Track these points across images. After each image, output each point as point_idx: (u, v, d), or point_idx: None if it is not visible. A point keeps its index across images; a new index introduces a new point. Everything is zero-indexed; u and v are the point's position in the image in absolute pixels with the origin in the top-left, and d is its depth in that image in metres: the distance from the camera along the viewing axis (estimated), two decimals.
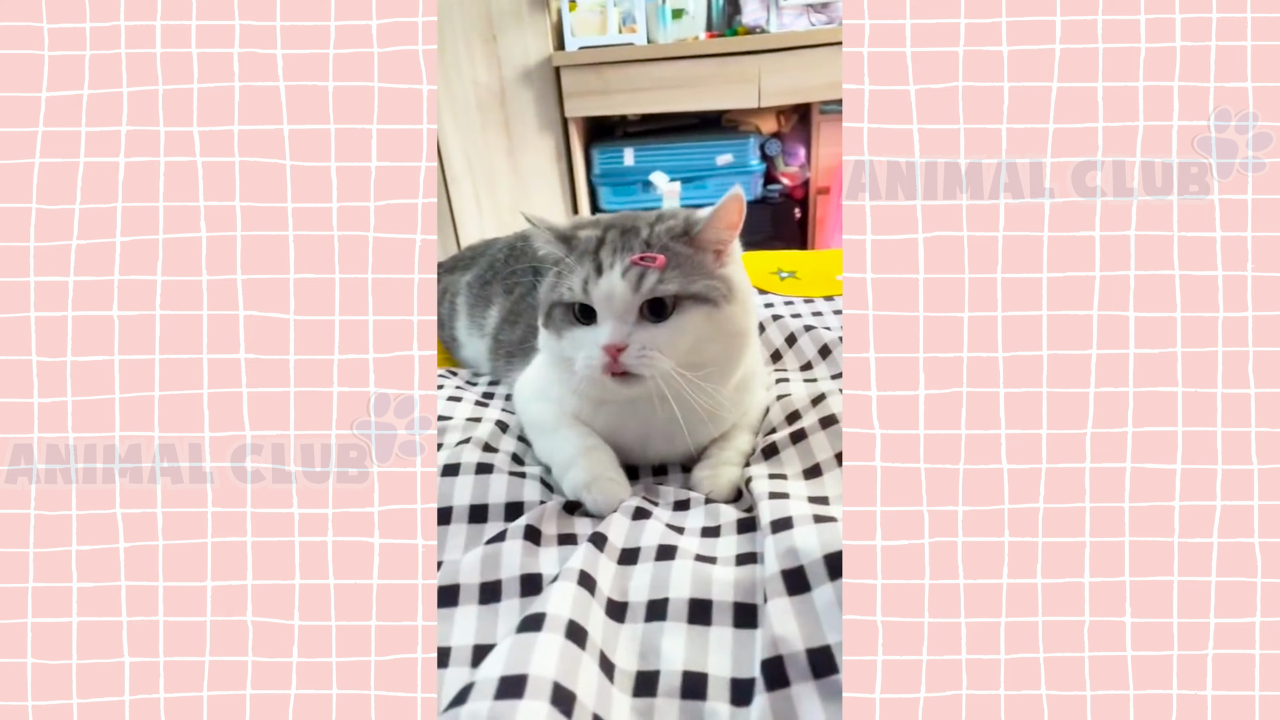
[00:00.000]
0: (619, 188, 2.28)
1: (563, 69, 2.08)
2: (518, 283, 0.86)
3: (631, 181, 2.25)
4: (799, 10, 2.13)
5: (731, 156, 2.23)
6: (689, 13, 2.13)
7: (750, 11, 2.16)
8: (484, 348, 0.88)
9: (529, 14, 2.05)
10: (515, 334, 0.80)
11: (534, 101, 2.15)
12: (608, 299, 0.54)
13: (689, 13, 2.13)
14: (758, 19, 2.15)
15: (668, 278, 0.53)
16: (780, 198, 2.35)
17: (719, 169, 2.23)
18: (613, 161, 2.24)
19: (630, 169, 2.23)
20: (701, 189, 2.25)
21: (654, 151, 2.23)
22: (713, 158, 2.23)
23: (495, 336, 0.85)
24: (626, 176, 2.25)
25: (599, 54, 2.07)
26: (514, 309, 0.83)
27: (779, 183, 2.35)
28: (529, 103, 2.15)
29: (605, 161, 2.24)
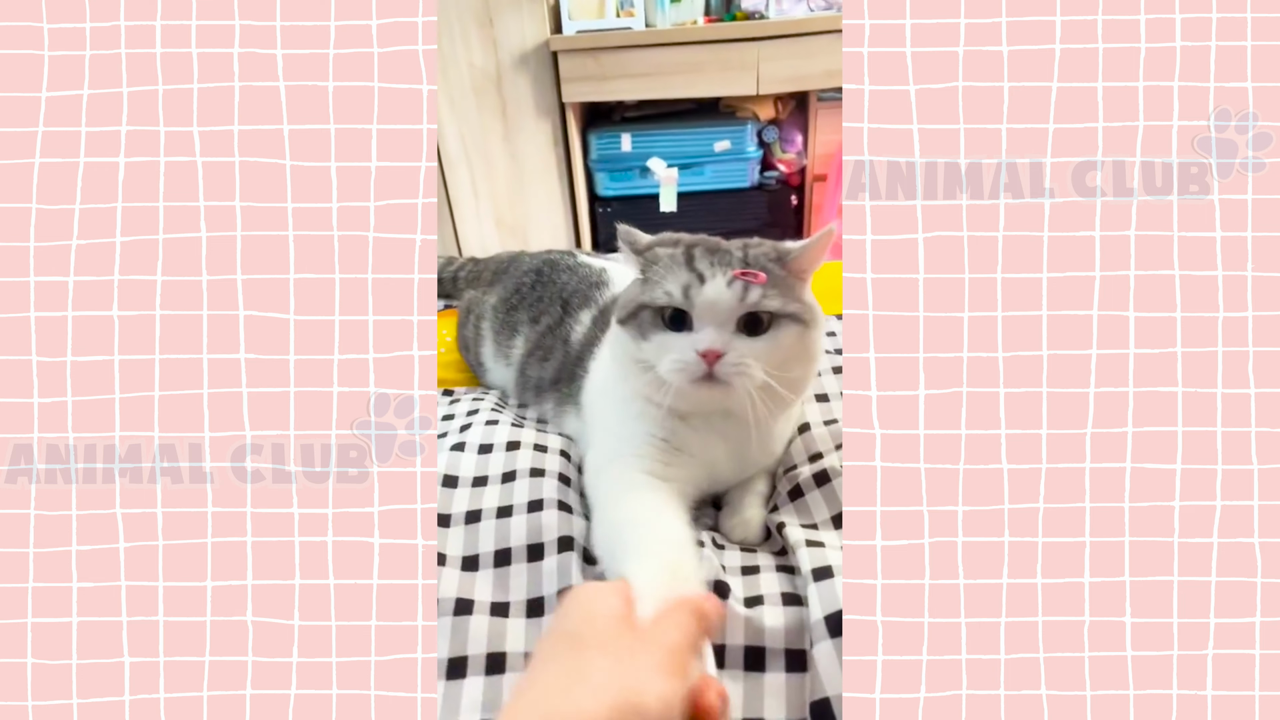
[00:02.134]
0: (616, 173, 2.27)
1: (560, 54, 2.07)
2: (544, 312, 0.84)
3: (629, 167, 2.25)
4: None
5: (729, 143, 2.22)
6: None
7: None
8: (510, 376, 0.86)
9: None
10: (547, 371, 0.79)
11: (531, 86, 2.13)
12: (711, 306, 0.54)
13: None
14: (756, 4, 2.13)
15: (769, 294, 0.54)
16: (777, 184, 2.35)
17: (716, 155, 2.23)
18: (610, 147, 2.23)
19: (628, 154, 2.23)
20: (699, 175, 2.25)
21: (651, 137, 2.23)
22: (710, 144, 2.22)
23: (522, 370, 0.83)
24: (624, 162, 2.25)
25: (597, 38, 2.05)
26: (541, 343, 0.82)
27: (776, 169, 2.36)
28: (526, 87, 2.13)
29: (603, 147, 2.24)
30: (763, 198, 2.32)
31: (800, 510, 0.60)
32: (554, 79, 2.11)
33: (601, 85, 2.12)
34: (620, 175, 2.27)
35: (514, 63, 2.10)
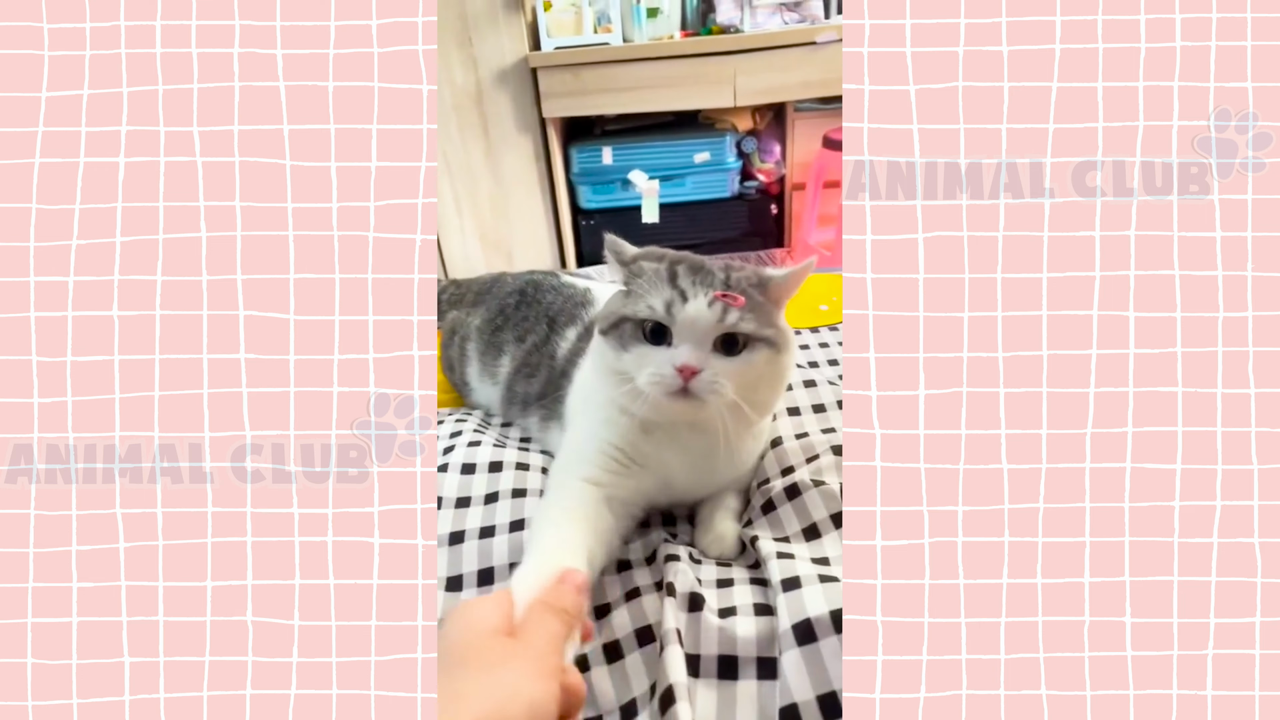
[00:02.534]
0: (598, 186, 2.29)
1: (539, 70, 2.08)
2: (530, 330, 0.85)
3: (611, 180, 2.27)
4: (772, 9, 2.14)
5: (709, 154, 2.24)
6: (664, 11, 2.13)
7: (724, 11, 2.17)
8: (497, 394, 0.87)
9: (504, 15, 2.04)
10: (533, 387, 0.80)
11: (511, 103, 2.15)
12: (691, 324, 0.55)
13: (664, 11, 2.13)
14: (732, 18, 2.17)
15: (746, 317, 0.56)
16: (757, 194, 2.38)
17: (696, 166, 2.25)
18: (591, 161, 2.25)
19: (609, 168, 2.24)
20: (680, 186, 2.27)
21: (632, 150, 2.24)
22: (690, 155, 2.24)
23: (509, 387, 0.84)
24: (605, 175, 2.27)
25: (575, 54, 2.07)
26: (528, 360, 0.83)
27: (755, 179, 2.38)
28: (506, 104, 2.15)
29: (584, 161, 2.25)
30: (743, 207, 2.34)
31: (773, 523, 0.61)
32: (534, 95, 2.12)
33: (581, 100, 2.13)
34: (602, 188, 2.29)
35: (494, 80, 2.12)
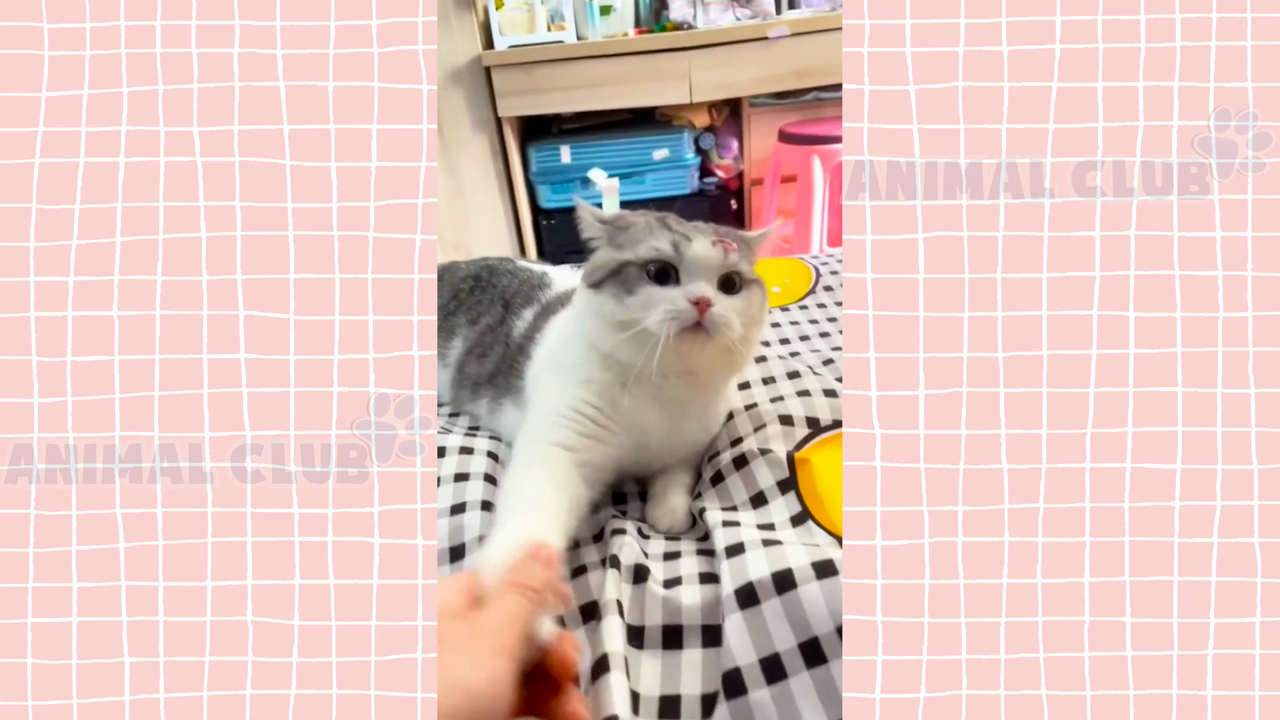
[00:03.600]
0: (557, 185, 2.28)
1: (493, 69, 2.07)
2: (484, 313, 0.86)
3: (570, 179, 2.26)
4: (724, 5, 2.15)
5: (667, 151, 2.24)
6: (616, 9, 2.13)
7: (677, 7, 2.18)
8: (446, 378, 0.87)
9: (455, 14, 2.02)
10: (485, 367, 0.80)
11: (466, 102, 2.13)
12: (699, 260, 0.58)
13: (616, 9, 2.13)
14: (684, 14, 2.17)
15: (742, 259, 0.61)
16: (716, 190, 2.37)
17: (655, 164, 2.25)
18: (550, 159, 2.24)
19: (568, 166, 2.23)
20: (640, 184, 2.26)
21: (590, 148, 2.23)
22: (649, 153, 2.24)
23: (460, 368, 0.84)
24: (564, 174, 2.25)
25: (529, 52, 2.06)
26: (480, 341, 0.83)
27: (714, 175, 2.38)
28: (461, 103, 2.13)
29: (542, 160, 2.24)
30: (704, 203, 2.34)
31: (721, 494, 0.62)
32: (488, 94, 2.11)
33: (536, 99, 2.12)
34: (561, 187, 2.28)
35: (447, 79, 2.10)
